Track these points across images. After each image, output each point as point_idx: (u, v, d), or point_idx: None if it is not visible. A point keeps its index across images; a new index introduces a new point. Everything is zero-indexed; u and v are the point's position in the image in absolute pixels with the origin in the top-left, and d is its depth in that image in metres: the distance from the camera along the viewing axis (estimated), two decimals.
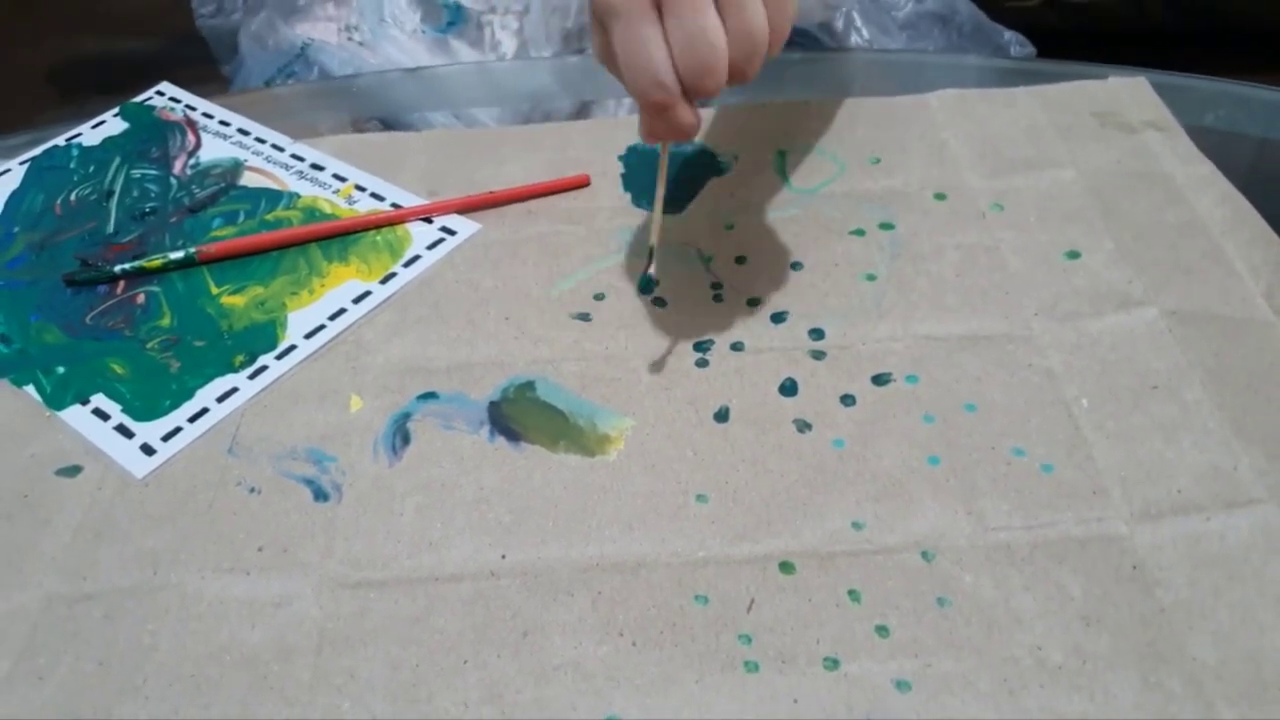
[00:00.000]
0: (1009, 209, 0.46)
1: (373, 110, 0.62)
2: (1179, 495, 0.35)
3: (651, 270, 0.39)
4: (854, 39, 0.70)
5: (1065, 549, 0.33)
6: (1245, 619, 0.31)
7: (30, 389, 0.42)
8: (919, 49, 0.72)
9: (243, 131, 0.55)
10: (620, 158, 0.51)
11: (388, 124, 0.61)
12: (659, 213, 0.39)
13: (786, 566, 0.34)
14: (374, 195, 0.50)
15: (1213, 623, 0.31)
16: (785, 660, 0.31)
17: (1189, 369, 0.39)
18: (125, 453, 0.39)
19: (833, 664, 0.31)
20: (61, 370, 0.43)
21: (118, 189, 0.52)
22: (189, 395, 0.41)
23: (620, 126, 0.53)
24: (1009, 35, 0.74)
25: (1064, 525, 0.34)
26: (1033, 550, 0.33)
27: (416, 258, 0.46)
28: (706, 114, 0.53)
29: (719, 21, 0.33)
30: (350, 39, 0.71)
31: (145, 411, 0.40)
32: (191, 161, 0.53)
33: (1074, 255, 0.44)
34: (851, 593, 0.33)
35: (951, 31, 0.72)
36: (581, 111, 0.61)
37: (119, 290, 0.46)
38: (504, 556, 0.35)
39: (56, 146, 0.55)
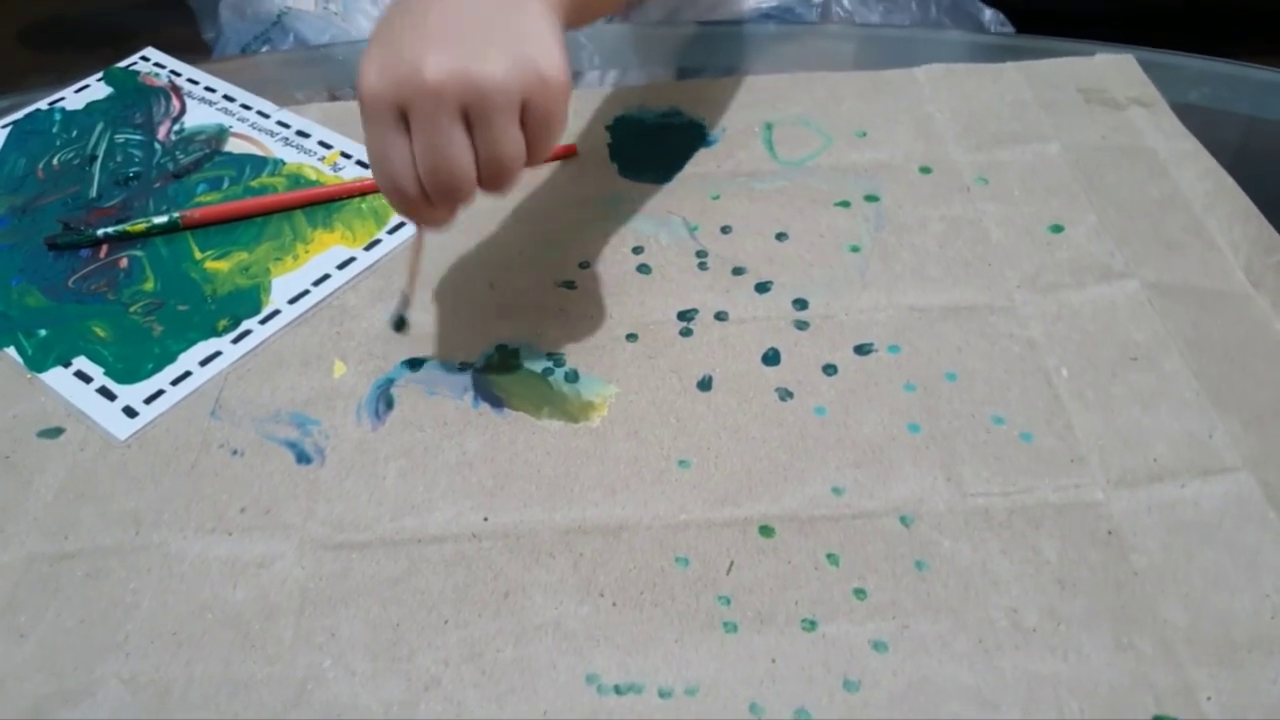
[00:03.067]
0: (993, 182, 0.46)
1: (350, 79, 0.61)
2: (1155, 463, 0.35)
3: (406, 312, 0.40)
4: (835, 10, 0.70)
5: (1042, 514, 0.34)
6: (1217, 583, 0.32)
7: (11, 351, 0.42)
8: (896, 24, 0.72)
9: (228, 98, 0.55)
10: (607, 128, 0.51)
11: None
12: (413, 265, 0.39)
13: (766, 530, 0.34)
14: (359, 163, 0.50)
15: (1185, 586, 0.32)
16: (764, 621, 0.32)
17: (1168, 340, 0.39)
18: (107, 415, 0.39)
19: (810, 625, 0.31)
20: (43, 333, 0.42)
21: (101, 153, 0.52)
22: (171, 358, 0.41)
23: (607, 97, 0.53)
24: (989, 14, 0.74)
25: (1042, 491, 0.35)
26: (1010, 515, 0.34)
27: (401, 224, 0.46)
28: (697, 86, 0.53)
29: (466, 144, 0.32)
30: (326, 8, 0.70)
31: (127, 374, 0.40)
32: (176, 127, 0.53)
33: (1057, 229, 0.44)
34: (830, 556, 0.33)
35: (930, 5, 0.72)
36: None
37: (102, 254, 0.46)
38: (486, 519, 0.35)
39: (39, 110, 0.55)
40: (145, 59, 0.58)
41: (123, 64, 0.58)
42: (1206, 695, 0.29)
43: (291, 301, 0.43)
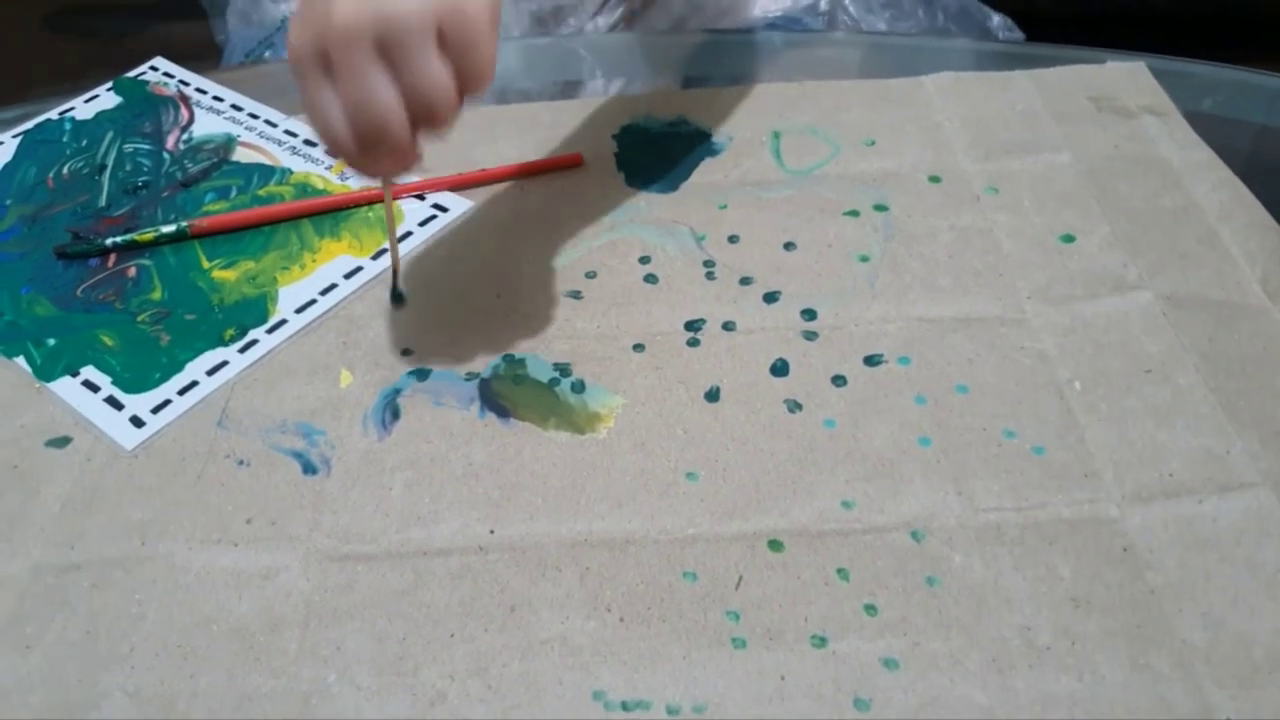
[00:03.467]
0: (1003, 192, 0.46)
1: None
2: (1171, 478, 0.35)
3: (400, 286, 0.40)
4: (841, 17, 0.69)
5: (1056, 530, 0.33)
6: (1235, 602, 0.31)
7: (21, 360, 0.42)
8: (902, 32, 0.71)
9: (236, 107, 0.55)
10: (614, 136, 0.50)
11: None
12: (391, 235, 0.41)
13: (775, 544, 0.33)
14: None
15: (1203, 605, 0.31)
16: (773, 637, 0.31)
17: (1183, 353, 0.38)
18: (115, 424, 0.39)
19: (820, 641, 0.31)
20: (52, 342, 0.42)
21: (110, 163, 0.52)
22: (179, 368, 0.41)
23: (614, 105, 0.53)
24: (997, 19, 0.73)
25: (1055, 507, 0.34)
26: (1023, 531, 0.33)
27: (408, 234, 0.46)
28: (703, 95, 0.53)
29: (388, 83, 0.31)
30: None
31: (135, 384, 0.40)
32: (184, 136, 0.53)
33: (1068, 239, 0.43)
34: (840, 571, 0.33)
35: (937, 11, 0.71)
36: (570, 90, 0.61)
37: (110, 263, 0.46)
38: (492, 532, 0.34)
39: (49, 120, 0.55)
40: (154, 68, 0.59)
41: (131, 73, 0.58)
42: (1226, 717, 0.29)
43: (298, 311, 0.43)
